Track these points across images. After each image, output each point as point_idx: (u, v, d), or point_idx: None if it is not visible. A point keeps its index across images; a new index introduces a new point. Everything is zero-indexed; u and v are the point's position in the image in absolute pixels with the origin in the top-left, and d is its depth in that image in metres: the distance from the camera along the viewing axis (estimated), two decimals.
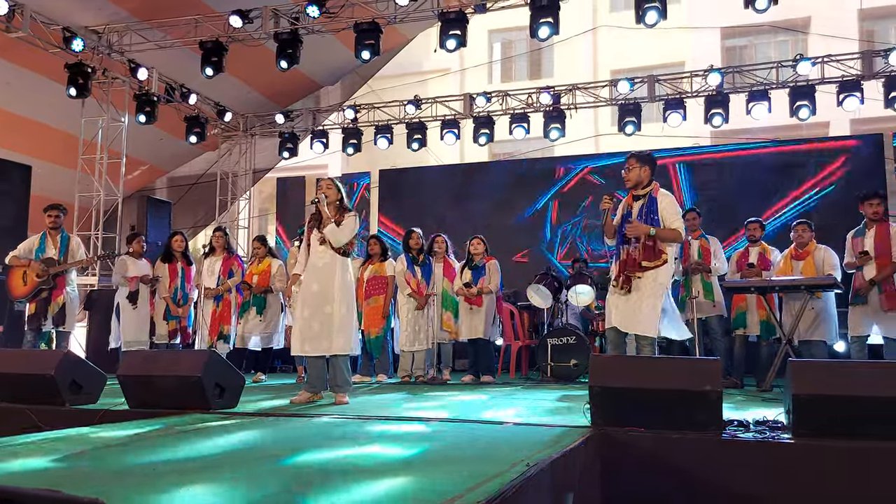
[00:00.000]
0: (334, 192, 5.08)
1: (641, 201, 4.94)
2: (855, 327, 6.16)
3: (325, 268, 4.97)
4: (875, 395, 3.08)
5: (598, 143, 14.08)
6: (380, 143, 11.38)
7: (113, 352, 7.44)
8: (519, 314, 8.30)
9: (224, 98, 11.43)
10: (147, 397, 4.29)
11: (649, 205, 4.90)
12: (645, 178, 4.96)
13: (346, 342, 4.95)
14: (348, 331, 4.98)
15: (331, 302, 4.93)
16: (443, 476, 2.32)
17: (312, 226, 5.08)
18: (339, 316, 4.92)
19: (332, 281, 4.95)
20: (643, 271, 4.81)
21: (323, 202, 5.00)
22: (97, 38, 9.50)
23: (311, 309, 4.94)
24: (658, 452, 3.22)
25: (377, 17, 8.73)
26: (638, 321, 4.81)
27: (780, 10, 7.88)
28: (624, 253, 4.92)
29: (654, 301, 4.80)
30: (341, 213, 5.05)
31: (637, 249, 4.82)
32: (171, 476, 2.33)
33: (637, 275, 4.82)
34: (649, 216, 4.87)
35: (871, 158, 9.94)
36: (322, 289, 4.95)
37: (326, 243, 4.97)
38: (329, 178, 5.28)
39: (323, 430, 3.51)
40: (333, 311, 4.92)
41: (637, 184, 4.97)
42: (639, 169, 4.97)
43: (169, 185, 13.25)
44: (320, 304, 4.93)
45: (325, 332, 4.91)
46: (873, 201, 6.13)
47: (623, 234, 4.94)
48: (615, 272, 5.01)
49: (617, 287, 4.94)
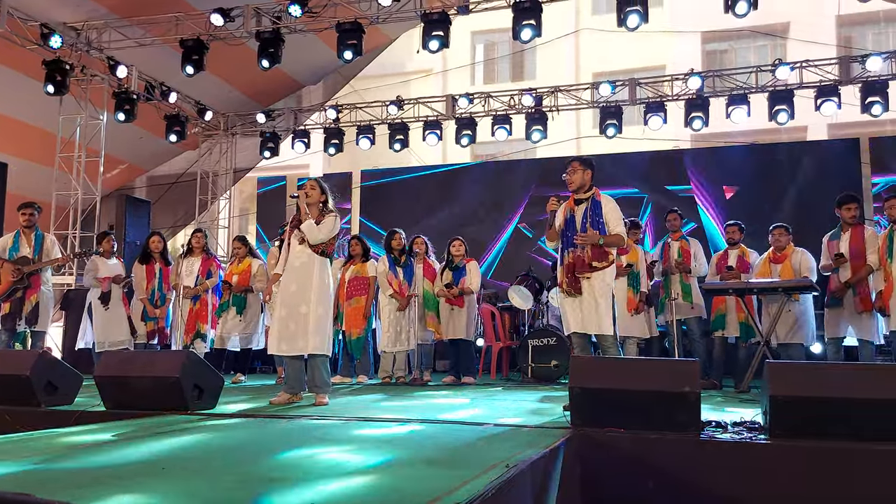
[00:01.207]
0: (317, 193, 5.05)
1: (584, 205, 4.98)
2: (831, 329, 6.24)
3: (303, 267, 4.95)
4: (849, 396, 3.12)
5: (580, 146, 14.15)
6: (362, 143, 11.36)
7: (83, 352, 7.34)
8: (500, 315, 8.32)
9: (205, 97, 11.35)
10: (124, 398, 4.24)
11: (593, 209, 4.95)
12: (587, 182, 5.01)
13: (321, 342, 4.93)
14: (324, 331, 4.96)
15: (307, 302, 4.91)
16: (422, 477, 2.32)
17: (293, 225, 5.06)
18: (316, 316, 4.90)
19: (310, 281, 4.93)
20: (592, 272, 4.87)
21: (303, 199, 4.97)
22: (76, 35, 9.39)
23: (288, 308, 4.93)
24: (637, 453, 3.24)
25: (360, 17, 8.71)
26: (595, 322, 4.86)
27: (760, 15, 7.96)
28: (569, 256, 4.96)
29: (605, 301, 4.86)
30: (323, 213, 5.03)
31: (586, 251, 4.87)
32: (141, 478, 2.30)
33: (586, 275, 4.88)
34: (595, 220, 4.92)
35: (847, 162, 10.08)
36: (299, 289, 4.93)
37: (305, 242, 4.95)
38: (315, 178, 5.25)
39: (302, 431, 3.49)
40: (309, 311, 4.90)
41: (579, 187, 5.01)
42: (581, 172, 5.00)
43: (148, 184, 13.11)
44: (297, 304, 4.91)
45: (301, 332, 4.89)
46: (850, 206, 6.21)
47: (568, 238, 4.98)
48: (560, 276, 5.04)
49: (565, 290, 4.98)
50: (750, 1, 7.45)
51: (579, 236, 4.86)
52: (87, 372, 5.09)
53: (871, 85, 9.34)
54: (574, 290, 4.90)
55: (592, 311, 4.85)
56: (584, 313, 4.88)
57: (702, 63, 15.92)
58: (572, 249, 4.94)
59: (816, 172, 10.21)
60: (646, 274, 6.90)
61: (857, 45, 13.76)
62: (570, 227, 4.99)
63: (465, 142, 11.02)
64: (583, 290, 4.87)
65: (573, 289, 4.90)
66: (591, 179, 5.03)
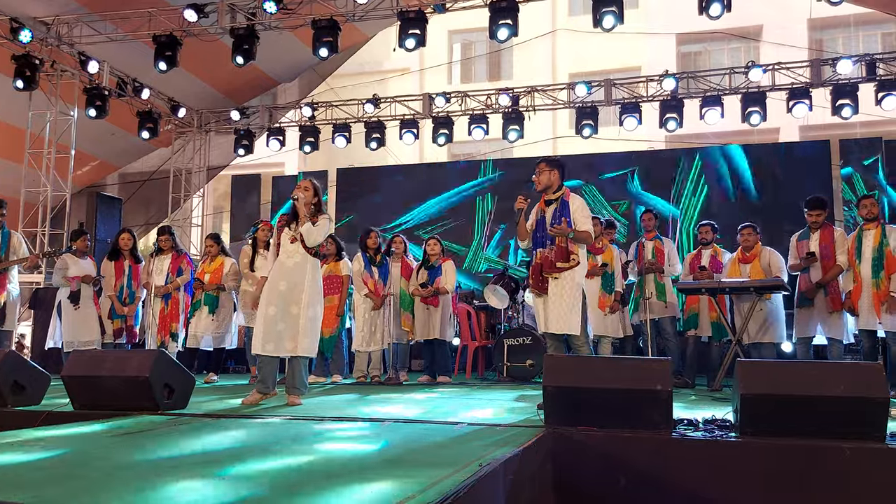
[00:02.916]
0: (311, 194, 4.98)
1: (554, 205, 5.01)
2: (801, 329, 6.33)
3: (296, 267, 4.88)
4: (818, 394, 3.15)
5: (556, 146, 14.22)
6: (338, 141, 11.31)
7: (53, 351, 7.22)
8: (476, 314, 8.32)
9: (178, 93, 11.23)
10: (93, 398, 4.17)
11: (562, 209, 4.98)
12: (555, 183, 5.04)
13: (311, 344, 4.87)
14: (314, 333, 4.91)
15: (298, 303, 4.84)
16: (396, 477, 2.30)
17: (283, 224, 4.99)
18: (307, 318, 4.83)
19: (303, 281, 4.86)
20: (559, 272, 4.91)
21: (301, 200, 4.92)
22: (46, 30, 9.24)
23: (277, 307, 4.83)
24: (610, 451, 3.25)
25: (335, 14, 8.67)
26: (562, 321, 4.89)
27: (734, 18, 8.05)
28: (538, 256, 4.99)
29: (571, 300, 4.89)
30: (316, 214, 4.98)
31: (551, 251, 4.90)
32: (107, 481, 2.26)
33: (554, 275, 4.92)
34: (563, 219, 4.96)
35: (818, 164, 10.23)
36: (290, 288, 4.85)
37: (298, 242, 4.89)
38: (308, 178, 5.19)
39: (275, 431, 3.46)
40: (300, 312, 4.83)
41: (547, 187, 5.03)
42: (549, 173, 5.03)
43: (120, 181, 12.94)
44: (287, 304, 4.83)
45: (291, 333, 4.82)
46: (812, 212, 6.31)
47: (537, 239, 5.02)
48: (530, 275, 5.07)
49: (534, 289, 5.02)
50: (724, 3, 7.54)
51: (553, 228, 4.89)
52: (57, 372, 5.00)
53: (842, 87, 9.50)
54: (541, 290, 4.94)
55: (558, 311, 4.89)
56: (550, 313, 4.91)
57: (677, 64, 16.10)
58: (541, 250, 4.98)
59: (787, 174, 10.36)
60: (620, 273, 6.95)
61: (828, 48, 13.98)
62: (539, 228, 5.02)
63: (442, 141, 11.02)
64: (549, 291, 4.91)
65: (539, 288, 4.95)
66: (559, 179, 5.05)
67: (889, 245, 5.87)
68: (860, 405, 3.10)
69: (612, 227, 7.35)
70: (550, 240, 4.96)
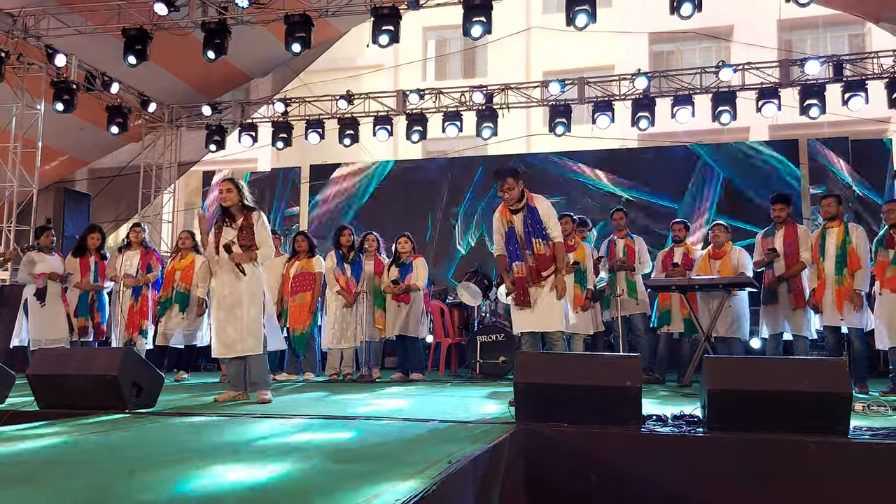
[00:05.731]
0: (235, 195, 4.91)
1: (522, 213, 5.04)
2: (770, 325, 6.42)
3: (234, 271, 4.84)
4: (783, 389, 3.20)
5: (530, 143, 14.25)
6: (311, 137, 11.23)
7: (19, 350, 7.08)
8: (449, 312, 8.33)
9: (148, 88, 11.05)
10: (59, 397, 4.11)
11: (531, 215, 5.02)
12: (521, 191, 5.08)
13: (255, 343, 4.85)
14: (258, 332, 4.87)
15: (240, 304, 4.84)
16: (363, 473, 2.30)
17: (220, 226, 4.92)
18: (249, 318, 4.83)
19: (240, 283, 4.84)
20: (545, 280, 5.02)
21: (202, 223, 4.88)
22: (12, 22, 9.04)
23: (224, 311, 4.87)
24: (580, 447, 3.28)
25: (308, 9, 8.60)
26: (548, 320, 4.93)
27: (705, 18, 8.13)
28: (518, 270, 5.02)
29: (563, 300, 5.01)
30: (245, 213, 4.91)
31: (534, 260, 4.97)
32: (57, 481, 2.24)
33: (541, 284, 5.02)
34: (535, 227, 5.01)
35: (786, 163, 10.39)
36: (232, 291, 4.85)
37: (228, 250, 4.80)
38: (227, 178, 5.10)
39: (242, 429, 3.43)
40: (243, 313, 4.83)
41: (517, 199, 5.07)
42: (517, 186, 5.06)
43: (90, 176, 12.72)
44: (231, 307, 4.85)
45: (238, 336, 4.83)
46: (775, 206, 6.46)
47: (511, 251, 5.05)
48: (514, 289, 5.11)
49: (517, 303, 5.09)
50: (694, 3, 7.62)
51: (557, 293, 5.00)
52: (22, 371, 4.90)
53: (810, 88, 9.64)
54: (523, 304, 4.99)
55: (549, 312, 4.95)
56: (540, 315, 4.97)
57: (649, 63, 16.20)
58: (518, 263, 5.00)
59: (756, 172, 10.51)
60: (592, 270, 6.99)
61: (796, 48, 14.16)
62: (511, 240, 5.04)
63: (416, 138, 11.00)
64: (537, 297, 4.99)
65: (523, 303, 4.99)
66: (522, 187, 5.10)
67: (852, 243, 6.00)
68: (824, 400, 3.16)
69: (585, 226, 7.39)
70: (530, 249, 4.99)
